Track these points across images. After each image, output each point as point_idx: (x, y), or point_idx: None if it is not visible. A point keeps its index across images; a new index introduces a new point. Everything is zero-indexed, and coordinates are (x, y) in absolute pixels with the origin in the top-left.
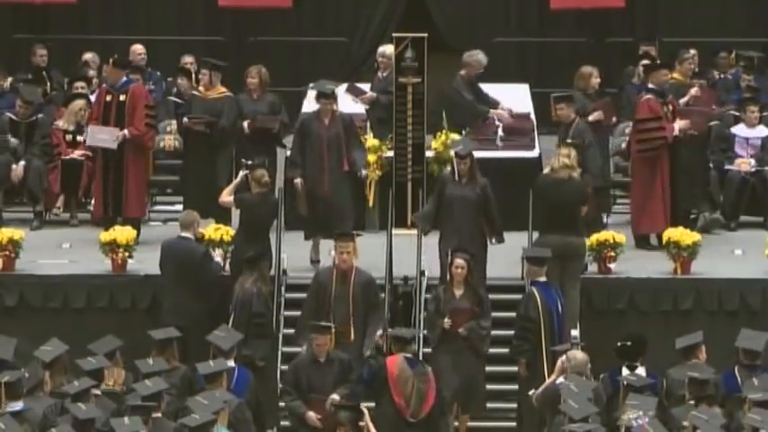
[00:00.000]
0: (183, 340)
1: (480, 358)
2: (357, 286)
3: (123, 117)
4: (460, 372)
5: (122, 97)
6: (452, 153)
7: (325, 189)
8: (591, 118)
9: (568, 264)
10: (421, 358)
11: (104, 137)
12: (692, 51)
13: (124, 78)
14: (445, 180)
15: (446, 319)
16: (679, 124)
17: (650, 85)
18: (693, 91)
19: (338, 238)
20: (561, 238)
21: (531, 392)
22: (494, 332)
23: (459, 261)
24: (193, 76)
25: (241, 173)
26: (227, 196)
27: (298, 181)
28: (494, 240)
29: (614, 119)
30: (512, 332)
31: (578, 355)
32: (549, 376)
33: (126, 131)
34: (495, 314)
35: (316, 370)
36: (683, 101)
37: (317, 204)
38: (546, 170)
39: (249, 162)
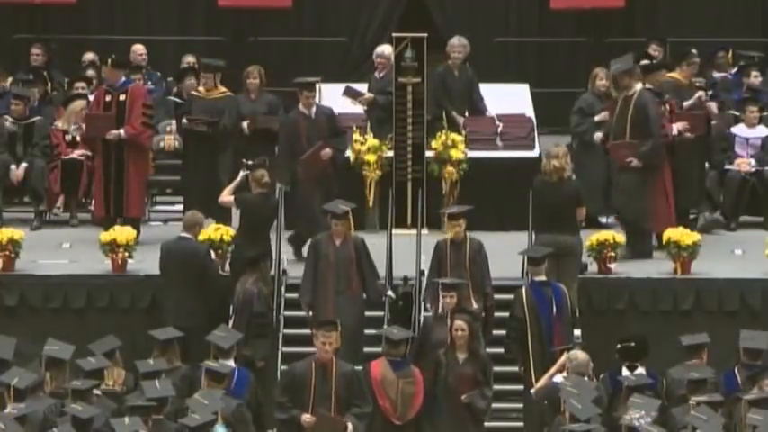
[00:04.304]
0: (184, 340)
1: (480, 426)
2: (340, 379)
3: (123, 116)
4: None
5: (122, 97)
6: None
7: (328, 314)
8: (597, 118)
9: (563, 263)
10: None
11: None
12: (697, 59)
13: (123, 78)
14: (440, 358)
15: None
16: (677, 125)
17: (647, 86)
18: (698, 94)
19: (319, 326)
20: (554, 237)
21: (532, 390)
22: (494, 332)
23: (459, 323)
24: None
25: (242, 173)
26: (226, 196)
27: (305, 308)
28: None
29: None
30: None
31: (580, 355)
32: (537, 376)
33: (122, 131)
34: (495, 314)
35: None
36: (686, 104)
37: None
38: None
39: (250, 162)
